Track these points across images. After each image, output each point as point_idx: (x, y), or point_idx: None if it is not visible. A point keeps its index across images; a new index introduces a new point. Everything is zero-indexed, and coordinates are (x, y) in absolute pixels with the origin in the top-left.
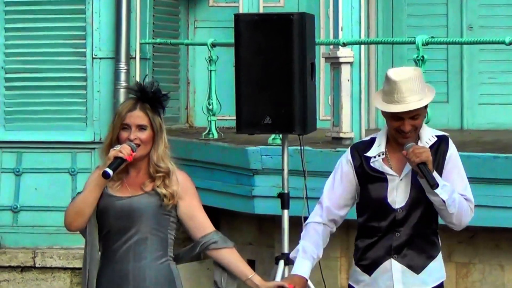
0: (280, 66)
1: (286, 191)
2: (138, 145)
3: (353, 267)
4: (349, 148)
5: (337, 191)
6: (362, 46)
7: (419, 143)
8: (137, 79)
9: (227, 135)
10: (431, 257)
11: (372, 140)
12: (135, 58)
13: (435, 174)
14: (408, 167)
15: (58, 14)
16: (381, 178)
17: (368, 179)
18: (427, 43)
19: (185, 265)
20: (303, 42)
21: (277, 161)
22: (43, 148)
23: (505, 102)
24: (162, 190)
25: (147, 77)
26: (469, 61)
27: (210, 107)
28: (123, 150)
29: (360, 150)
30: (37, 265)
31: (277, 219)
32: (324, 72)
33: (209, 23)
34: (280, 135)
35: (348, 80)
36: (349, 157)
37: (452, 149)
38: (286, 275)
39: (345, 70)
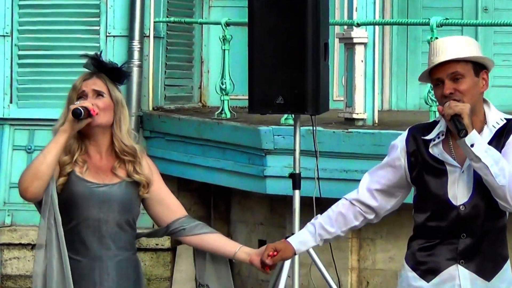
0: (294, 46)
1: (297, 172)
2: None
3: (405, 271)
4: (407, 129)
5: (377, 177)
6: (377, 27)
7: (485, 128)
8: (151, 58)
9: (239, 115)
10: (503, 259)
11: (435, 123)
12: (149, 36)
13: (479, 141)
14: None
15: None
16: (440, 169)
17: (424, 169)
18: (441, 25)
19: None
20: (317, 22)
21: (289, 141)
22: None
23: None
24: (140, 178)
25: (102, 52)
26: (484, 43)
27: (224, 86)
28: (86, 103)
29: (418, 132)
30: None
31: (289, 200)
32: (338, 52)
33: (224, 2)
34: (293, 115)
35: (362, 61)
36: (404, 142)
37: None
38: (297, 256)
39: (359, 51)
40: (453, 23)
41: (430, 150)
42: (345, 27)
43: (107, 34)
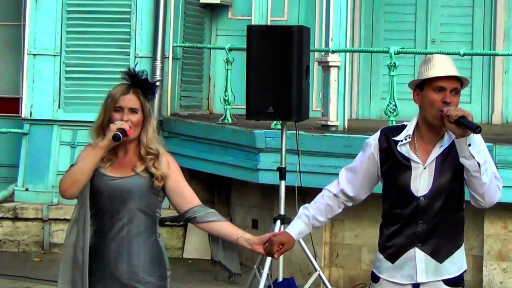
0: (282, 67)
1: (283, 166)
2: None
3: (377, 254)
4: (379, 130)
5: (354, 171)
6: (347, 53)
7: (446, 134)
8: (170, 74)
9: (239, 121)
10: (456, 246)
11: (403, 126)
12: (168, 58)
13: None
14: (432, 156)
15: (108, 21)
16: (405, 165)
17: (393, 164)
18: (398, 53)
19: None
20: (301, 49)
21: (277, 141)
22: None
23: (459, 101)
24: (156, 171)
25: (137, 65)
26: None
27: (226, 98)
28: (124, 124)
29: (389, 133)
30: None
31: (277, 188)
32: (316, 73)
33: (228, 31)
34: (280, 122)
35: (335, 80)
36: (377, 141)
37: (479, 139)
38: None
39: (333, 72)
40: (407, 51)
41: (398, 148)
42: (323, 53)
43: (136, 55)
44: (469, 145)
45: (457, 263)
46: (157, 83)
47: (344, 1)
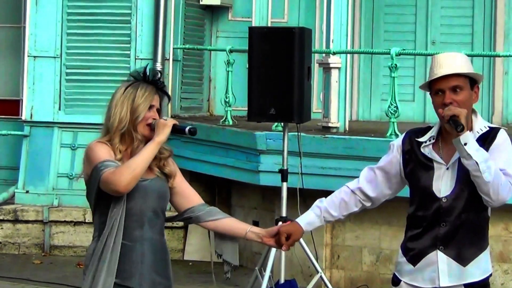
0: (283, 69)
1: (285, 168)
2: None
3: (399, 258)
4: (405, 132)
5: (374, 171)
6: (348, 55)
7: (470, 133)
8: (170, 76)
9: (239, 122)
10: (480, 249)
11: (428, 128)
12: (169, 59)
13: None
14: (455, 156)
15: (109, 23)
16: (428, 166)
17: (416, 165)
18: (399, 54)
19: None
20: (302, 50)
21: (278, 143)
22: (94, 128)
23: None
24: (170, 170)
25: (148, 64)
26: None
27: (227, 100)
28: (174, 120)
29: (413, 135)
30: (86, 221)
31: (277, 189)
32: (317, 74)
33: (228, 33)
34: (282, 123)
35: (336, 82)
36: (400, 142)
37: (500, 138)
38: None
39: (334, 74)
40: (408, 52)
41: (422, 149)
42: (324, 54)
43: (136, 57)
44: (465, 144)
45: (482, 267)
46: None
47: (344, 3)
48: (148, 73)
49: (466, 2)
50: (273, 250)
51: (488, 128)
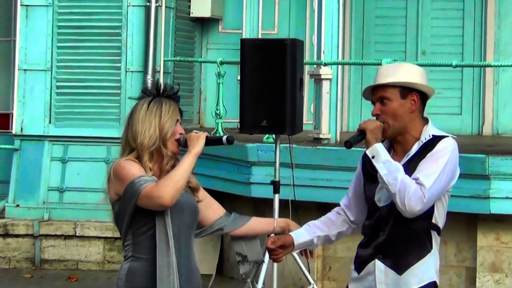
0: (275, 80)
1: (277, 179)
2: None
3: (351, 264)
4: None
5: (348, 193)
6: (339, 66)
7: (416, 143)
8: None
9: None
10: (418, 258)
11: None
12: (159, 72)
13: (383, 153)
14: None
15: (99, 36)
16: (374, 176)
17: (367, 177)
18: None
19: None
20: (294, 62)
21: (270, 155)
22: (85, 141)
23: (449, 112)
24: (196, 183)
25: (159, 79)
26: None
27: (218, 112)
28: (205, 133)
29: None
30: (77, 234)
31: (269, 201)
32: (308, 85)
33: (218, 45)
34: (274, 135)
35: (327, 93)
36: (362, 157)
37: (440, 147)
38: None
39: (325, 85)
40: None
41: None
42: (315, 66)
43: (127, 70)
44: (373, 157)
45: (419, 275)
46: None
47: (335, 14)
48: (163, 88)
49: (456, 12)
50: (265, 262)
51: (431, 137)
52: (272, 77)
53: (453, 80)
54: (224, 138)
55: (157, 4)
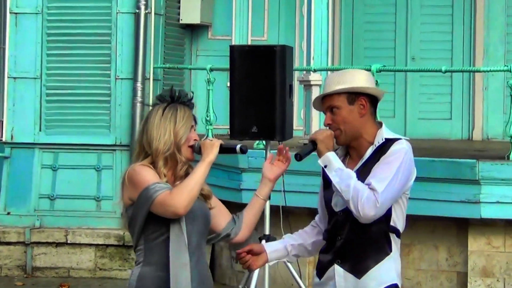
0: (265, 86)
1: None
2: None
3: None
4: None
5: (318, 203)
6: (329, 72)
7: (370, 147)
8: (151, 95)
9: None
10: (376, 261)
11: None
12: (149, 79)
13: (335, 160)
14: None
15: (89, 43)
16: (331, 181)
17: (325, 183)
18: (380, 70)
19: None
20: (284, 68)
21: (260, 161)
22: (75, 149)
23: (439, 117)
24: (208, 190)
25: (173, 86)
26: (412, 85)
27: (208, 118)
28: (219, 140)
29: None
30: (68, 242)
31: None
32: (298, 91)
33: (208, 52)
34: (264, 141)
35: None
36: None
37: (393, 150)
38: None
39: (315, 91)
40: (388, 69)
41: None
42: (304, 72)
43: (116, 77)
44: (325, 166)
45: (377, 278)
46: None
47: (324, 20)
48: (177, 94)
49: (445, 18)
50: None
51: (384, 140)
52: (261, 83)
53: (443, 86)
54: (238, 147)
55: (146, 11)
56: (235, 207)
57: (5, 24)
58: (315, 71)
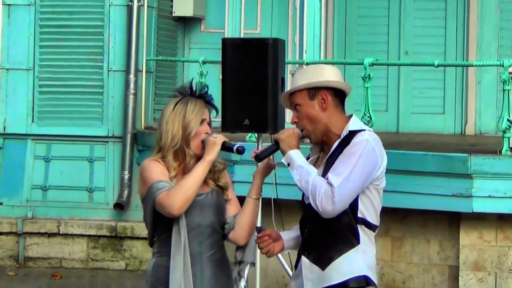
0: (257, 80)
1: None
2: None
3: None
4: None
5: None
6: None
7: (337, 140)
8: (143, 88)
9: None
10: (339, 252)
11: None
12: (142, 71)
13: (297, 156)
14: (321, 166)
15: (81, 35)
16: None
17: None
18: (372, 64)
19: None
20: (276, 61)
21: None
22: (68, 140)
23: (432, 112)
24: (225, 182)
25: (193, 79)
26: (405, 79)
27: None
28: (223, 138)
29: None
30: (61, 232)
31: None
32: (290, 85)
33: (201, 44)
34: (256, 134)
35: None
36: None
37: (354, 142)
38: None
39: None
40: (381, 63)
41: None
42: (297, 65)
43: (109, 69)
44: (288, 164)
45: (340, 270)
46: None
47: (317, 14)
48: (194, 88)
49: (438, 12)
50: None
51: (348, 132)
52: (253, 77)
53: (436, 80)
54: (235, 147)
55: (139, 4)
56: None
57: None
58: (307, 64)
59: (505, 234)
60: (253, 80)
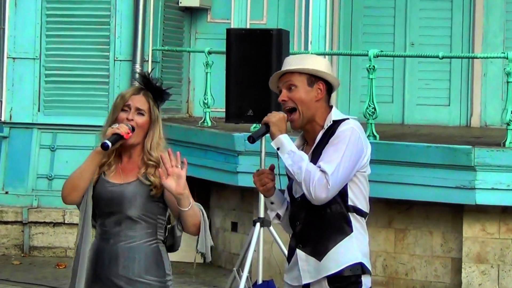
0: (261, 70)
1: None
2: (133, 129)
3: None
4: None
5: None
6: (327, 56)
7: (321, 130)
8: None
9: (218, 124)
10: (334, 242)
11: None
12: (148, 61)
13: (287, 142)
14: (309, 157)
15: (88, 25)
16: None
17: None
18: (377, 56)
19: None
20: (280, 52)
21: (256, 145)
22: (73, 129)
23: (437, 104)
24: (154, 179)
25: (153, 71)
26: (410, 71)
27: (206, 101)
28: (120, 128)
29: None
30: (66, 222)
31: (256, 190)
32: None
33: (207, 35)
34: (259, 125)
35: None
36: None
37: (340, 131)
38: (261, 235)
39: None
40: (386, 54)
41: None
42: None
43: (115, 59)
44: (278, 148)
45: (338, 259)
46: (169, 92)
47: (323, 5)
48: (145, 76)
49: (445, 4)
50: (251, 251)
51: (331, 122)
52: (258, 67)
53: (441, 72)
54: (103, 141)
55: None
56: (232, 190)
57: (5, 4)
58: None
59: (508, 226)
60: (257, 70)
